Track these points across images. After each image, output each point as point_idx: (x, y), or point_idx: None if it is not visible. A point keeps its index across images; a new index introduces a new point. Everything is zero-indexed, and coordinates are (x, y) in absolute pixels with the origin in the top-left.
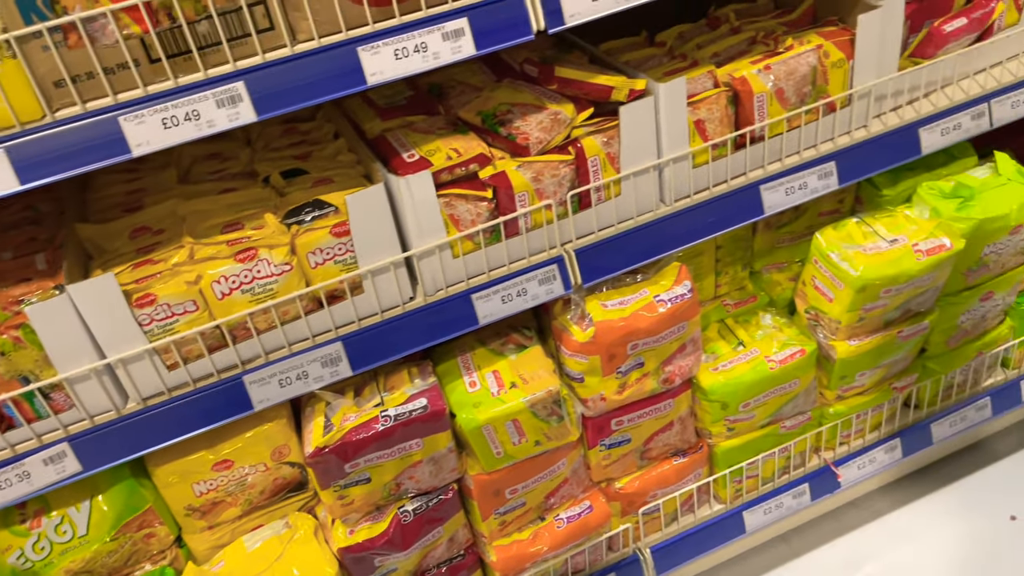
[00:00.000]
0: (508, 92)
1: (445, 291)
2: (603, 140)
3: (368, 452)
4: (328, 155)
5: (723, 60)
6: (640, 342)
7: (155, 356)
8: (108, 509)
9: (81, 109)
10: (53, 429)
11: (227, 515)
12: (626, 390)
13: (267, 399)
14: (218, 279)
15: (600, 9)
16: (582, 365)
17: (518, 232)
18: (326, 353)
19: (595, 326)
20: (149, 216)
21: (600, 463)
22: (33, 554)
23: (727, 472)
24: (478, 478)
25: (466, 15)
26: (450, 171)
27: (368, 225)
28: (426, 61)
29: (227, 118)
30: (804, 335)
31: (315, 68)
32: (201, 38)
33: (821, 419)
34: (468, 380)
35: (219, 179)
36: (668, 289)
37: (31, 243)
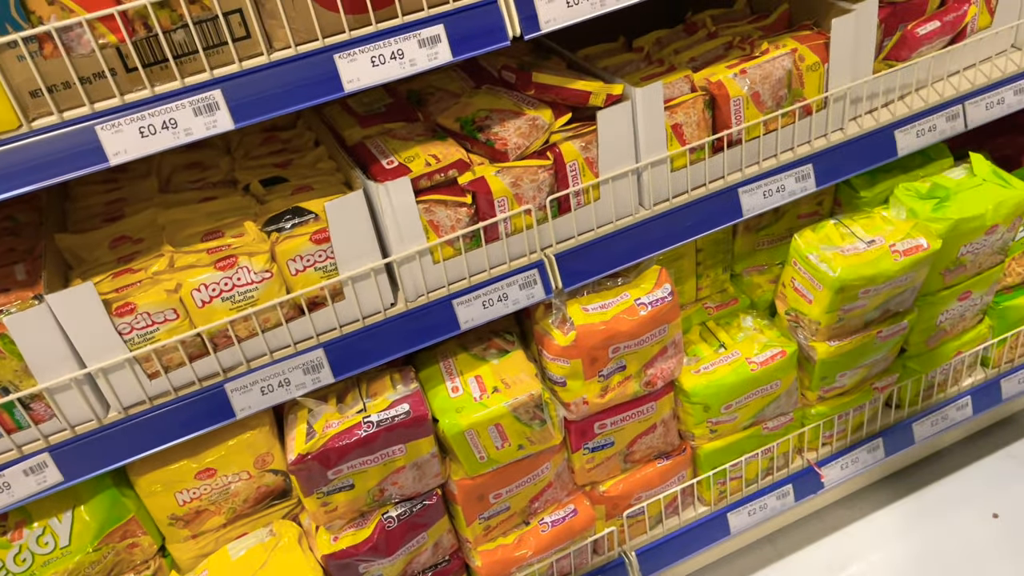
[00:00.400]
0: (486, 98)
1: (426, 297)
2: (581, 145)
3: (351, 458)
4: (308, 163)
5: (700, 65)
6: (621, 345)
7: (136, 365)
8: (90, 519)
9: (58, 119)
10: (33, 439)
11: (211, 524)
12: (608, 393)
13: (249, 407)
14: (198, 287)
15: (576, 15)
16: (564, 369)
17: (498, 237)
18: (308, 360)
19: (576, 330)
20: (129, 225)
21: (584, 467)
22: (14, 566)
23: (711, 474)
24: (462, 483)
25: (442, 22)
26: (429, 177)
27: (348, 232)
28: (403, 68)
29: (204, 126)
30: (785, 336)
31: (292, 76)
32: (177, 47)
33: (803, 420)
34: (450, 385)
35: (200, 188)
36: (649, 292)
37: (10, 253)
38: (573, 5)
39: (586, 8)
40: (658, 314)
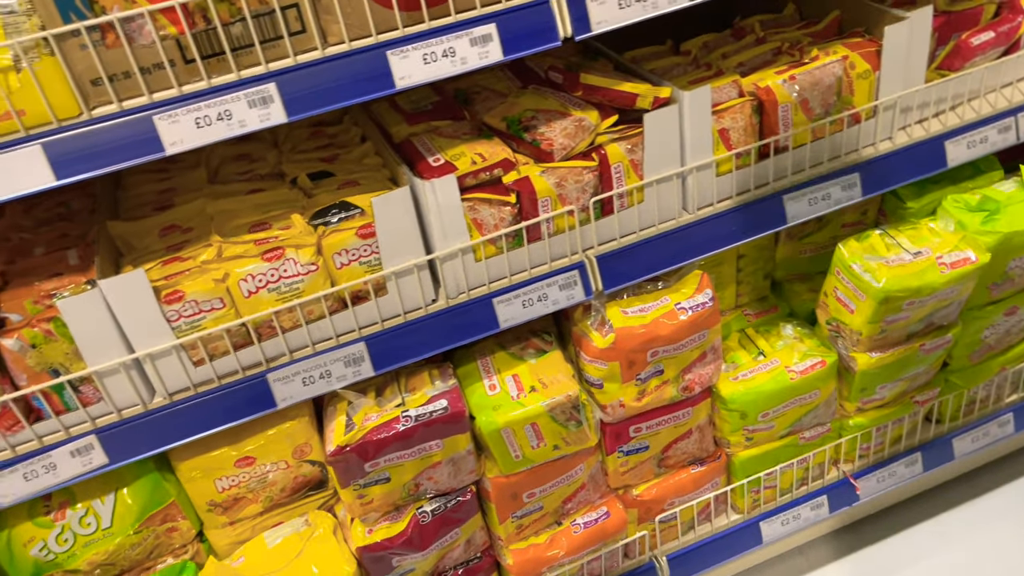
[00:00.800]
0: (533, 98)
1: (467, 294)
2: (627, 147)
3: (388, 452)
4: (354, 158)
5: (748, 70)
6: (660, 349)
7: (182, 352)
8: (132, 502)
9: (117, 107)
10: (81, 422)
11: (248, 511)
12: (645, 397)
13: (290, 397)
14: (245, 277)
15: (627, 17)
16: (601, 371)
17: (540, 237)
18: (349, 353)
19: (615, 332)
20: (179, 215)
21: (618, 469)
22: (56, 546)
23: (745, 482)
24: (496, 481)
25: (494, 21)
26: (474, 175)
27: (393, 227)
28: (454, 66)
29: (258, 119)
30: (825, 346)
31: (345, 71)
32: (234, 39)
33: (841, 431)
34: (488, 383)
35: (247, 180)
36: (689, 297)
37: (63, 239)
38: (625, 7)
39: (637, 10)
40: (698, 319)
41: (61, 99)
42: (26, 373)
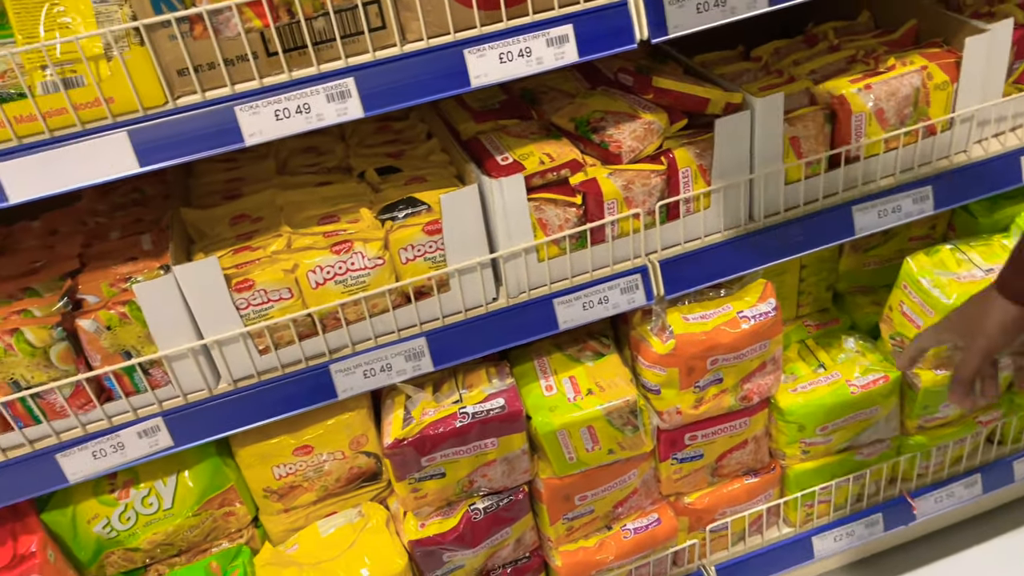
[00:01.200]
0: (602, 100)
1: (528, 294)
2: (696, 152)
3: (445, 447)
4: (421, 154)
5: (821, 77)
6: (720, 358)
7: (249, 340)
8: (193, 485)
9: (200, 97)
10: (149, 404)
11: (303, 499)
12: (703, 405)
13: (351, 388)
14: (314, 269)
15: (704, 21)
16: (659, 377)
17: (604, 239)
18: (410, 347)
19: (676, 339)
20: (248, 204)
21: (671, 476)
22: (119, 524)
23: (799, 495)
24: (549, 482)
25: (571, 22)
26: (542, 175)
27: (459, 225)
28: (529, 66)
29: (336, 113)
30: (888, 361)
31: (422, 68)
32: (316, 34)
33: (900, 448)
34: (544, 384)
35: (315, 172)
36: (752, 306)
37: (137, 224)
38: (703, 11)
39: (715, 15)
40: (760, 329)
41: (148, 88)
42: (100, 354)
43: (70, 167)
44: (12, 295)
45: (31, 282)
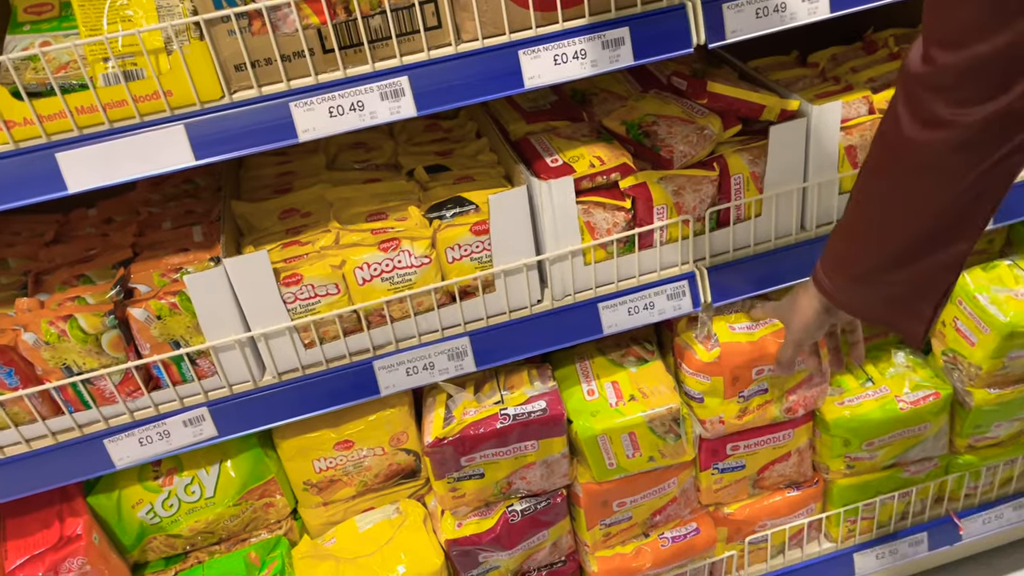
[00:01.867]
0: (654, 103)
1: (572, 297)
2: (749, 158)
3: (485, 448)
4: (469, 153)
5: (880, 86)
6: (767, 368)
7: (295, 334)
8: (235, 475)
9: (256, 93)
10: (194, 393)
11: (342, 494)
12: (746, 415)
13: (393, 385)
14: (361, 265)
15: (764, 27)
16: (703, 385)
17: (652, 245)
18: (453, 347)
19: (721, 347)
20: (298, 199)
21: (711, 486)
22: (162, 510)
23: (841, 510)
24: (588, 487)
25: (628, 25)
26: (591, 179)
27: (507, 226)
28: (583, 68)
29: (389, 111)
30: (939, 378)
31: (476, 68)
32: (372, 32)
33: (948, 467)
34: (586, 388)
35: (364, 168)
36: None
37: (189, 215)
38: (762, 16)
39: (775, 20)
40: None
41: (205, 82)
42: (149, 343)
43: (128, 158)
44: (67, 282)
45: (85, 269)
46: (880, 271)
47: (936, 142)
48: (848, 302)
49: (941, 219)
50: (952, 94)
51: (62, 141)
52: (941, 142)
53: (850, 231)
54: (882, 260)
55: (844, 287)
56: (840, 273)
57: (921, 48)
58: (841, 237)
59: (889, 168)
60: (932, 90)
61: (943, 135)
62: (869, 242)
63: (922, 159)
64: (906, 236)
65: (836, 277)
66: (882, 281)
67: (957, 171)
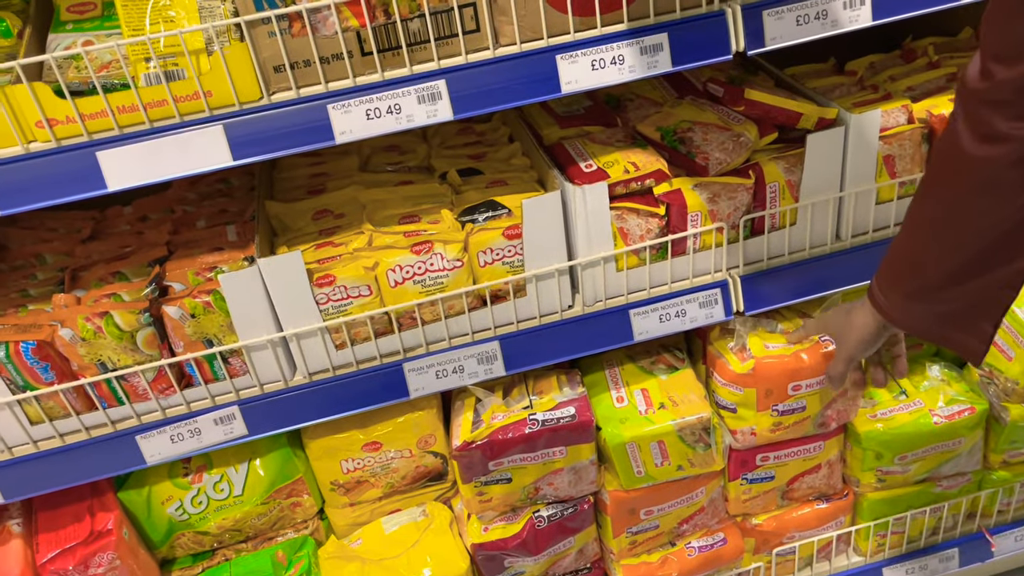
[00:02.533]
0: (690, 110)
1: (604, 303)
2: (785, 167)
3: (513, 453)
4: (502, 157)
5: (919, 95)
6: (803, 383)
7: (326, 334)
8: (264, 474)
9: (295, 94)
10: (226, 392)
11: (368, 495)
12: (780, 430)
13: (423, 388)
14: (394, 267)
15: (804, 34)
16: (736, 396)
17: (685, 252)
18: (483, 350)
19: (756, 360)
20: (331, 200)
21: (739, 496)
22: (191, 507)
23: (871, 524)
24: (615, 494)
25: (666, 31)
26: (626, 184)
27: (540, 231)
28: (621, 74)
29: (426, 114)
30: (975, 392)
31: (513, 72)
32: (411, 35)
33: (981, 483)
34: (615, 395)
35: (397, 171)
36: None
37: (223, 214)
38: (803, 24)
39: (816, 28)
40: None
41: (244, 83)
42: (183, 341)
43: (167, 158)
44: (103, 279)
45: (121, 267)
46: (937, 289)
47: (995, 157)
48: (904, 319)
49: (999, 235)
50: (1010, 109)
51: (103, 140)
52: (1000, 157)
53: (907, 248)
54: (939, 278)
55: (900, 304)
56: (895, 291)
57: (979, 63)
58: (897, 254)
59: (947, 184)
60: (990, 105)
61: (1002, 150)
62: (926, 259)
63: (981, 175)
64: (964, 253)
65: (891, 295)
66: (939, 299)
67: (1016, 186)
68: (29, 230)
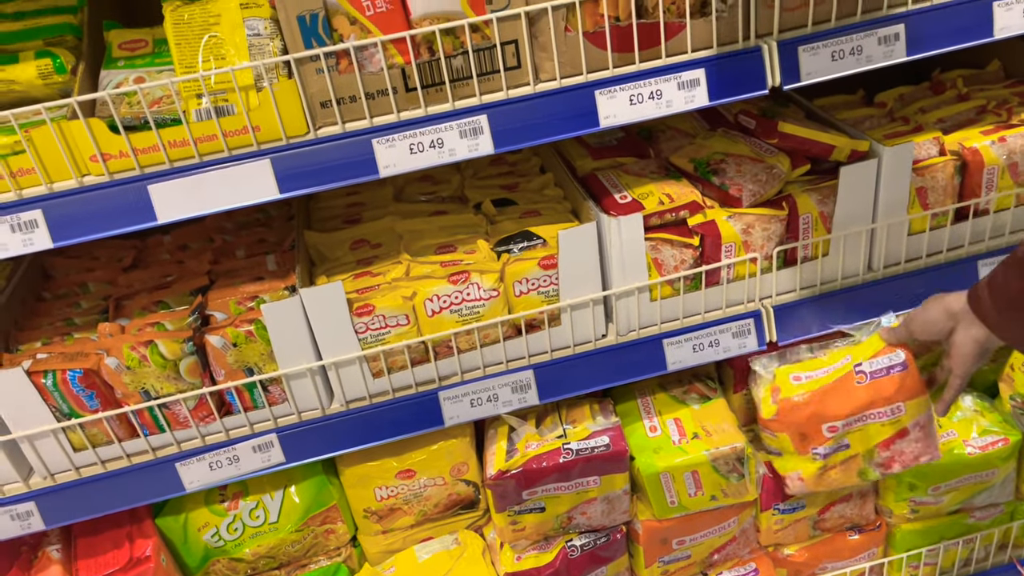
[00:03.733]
0: (723, 142)
1: (637, 333)
2: (817, 198)
3: (547, 482)
4: (535, 188)
5: (950, 127)
6: (840, 424)
7: (364, 363)
8: (299, 501)
9: (340, 129)
10: (264, 420)
11: (401, 522)
12: (829, 471)
13: (457, 416)
14: (431, 297)
15: (839, 69)
16: (773, 441)
17: (718, 282)
18: (517, 379)
19: (779, 405)
20: (368, 230)
21: (771, 527)
22: (227, 534)
23: (904, 555)
24: (647, 524)
25: (703, 66)
26: (660, 216)
27: (575, 261)
28: (659, 108)
29: (467, 148)
30: (1008, 423)
31: (553, 108)
32: (454, 71)
33: (1014, 514)
34: (648, 424)
35: (431, 201)
36: (873, 357)
37: (261, 244)
38: (838, 59)
39: (850, 63)
40: (886, 386)
41: (292, 118)
42: (224, 369)
43: (215, 191)
44: (146, 307)
45: (164, 296)
46: None
47: None
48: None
49: None
50: None
51: (154, 174)
52: None
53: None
54: None
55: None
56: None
57: None
58: (1015, 272)
59: None
60: None
61: None
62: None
63: None
64: None
65: (1008, 312)
66: None
67: None
68: (73, 259)
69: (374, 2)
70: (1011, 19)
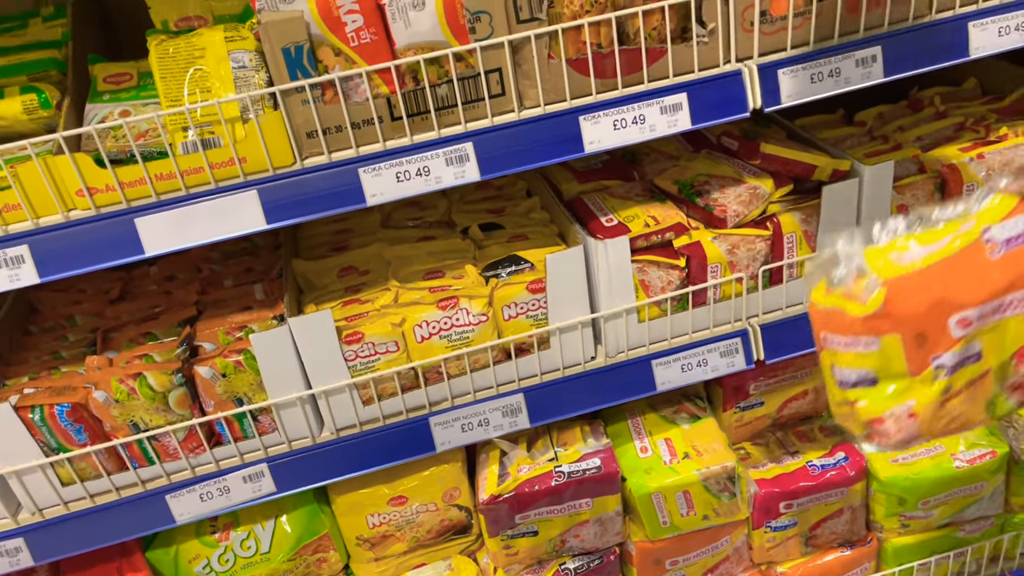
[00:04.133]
0: (706, 163)
1: (626, 354)
2: (801, 217)
3: (540, 505)
4: (521, 211)
5: (928, 145)
6: (974, 313)
7: (354, 391)
8: (290, 531)
9: (327, 159)
10: (255, 449)
11: (394, 549)
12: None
13: (448, 442)
14: (420, 323)
15: (819, 91)
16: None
17: (705, 302)
18: (508, 403)
19: (886, 286)
20: (355, 257)
21: (763, 545)
22: (218, 565)
23: (896, 570)
24: (641, 545)
25: (686, 91)
26: (646, 238)
27: (563, 285)
28: (642, 133)
29: (454, 175)
30: (995, 436)
31: (537, 134)
32: (439, 100)
33: (1004, 526)
34: (639, 445)
35: (418, 226)
36: (1003, 220)
37: (249, 272)
38: (817, 81)
39: (829, 85)
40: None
41: (278, 149)
42: (214, 400)
43: (203, 222)
44: (134, 339)
45: (151, 327)
46: None
47: None
48: None
49: None
50: None
51: (141, 207)
52: None
53: None
54: None
55: None
56: None
57: None
58: None
59: None
60: None
61: None
62: None
63: None
64: None
65: None
66: None
67: None
68: (60, 292)
69: (358, 33)
70: (986, 39)
